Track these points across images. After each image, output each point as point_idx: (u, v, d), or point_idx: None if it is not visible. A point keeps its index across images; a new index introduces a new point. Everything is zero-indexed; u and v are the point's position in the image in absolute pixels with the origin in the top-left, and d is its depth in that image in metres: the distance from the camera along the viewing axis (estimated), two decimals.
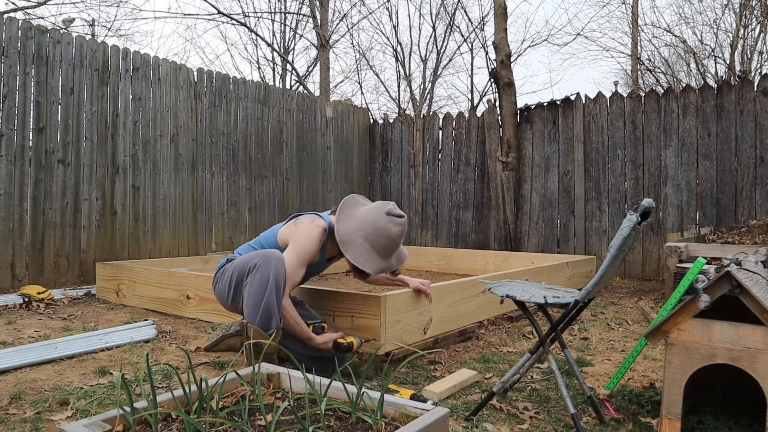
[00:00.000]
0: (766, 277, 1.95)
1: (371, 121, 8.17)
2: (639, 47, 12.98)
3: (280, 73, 13.83)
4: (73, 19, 12.89)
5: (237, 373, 1.51)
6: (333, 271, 5.92)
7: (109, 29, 12.27)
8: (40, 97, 4.67)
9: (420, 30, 25.99)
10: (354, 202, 2.53)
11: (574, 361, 2.01)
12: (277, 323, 2.31)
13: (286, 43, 13.38)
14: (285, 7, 12.98)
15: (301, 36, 13.41)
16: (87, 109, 4.99)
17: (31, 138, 4.63)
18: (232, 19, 10.84)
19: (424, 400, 2.02)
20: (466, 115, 7.20)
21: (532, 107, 6.62)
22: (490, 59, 11.12)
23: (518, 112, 6.70)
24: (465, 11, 15.12)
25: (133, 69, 5.33)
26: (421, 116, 7.69)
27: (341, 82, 19.63)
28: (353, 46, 18.17)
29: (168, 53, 20.38)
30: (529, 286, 2.16)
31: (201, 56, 24.33)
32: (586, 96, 6.28)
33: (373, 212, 2.43)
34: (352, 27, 13.34)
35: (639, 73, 13.71)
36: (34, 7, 9.62)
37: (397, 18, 14.40)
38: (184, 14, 16.33)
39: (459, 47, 14.11)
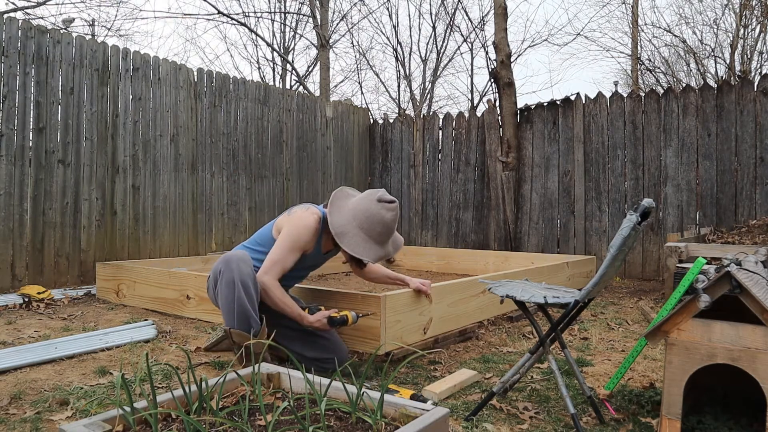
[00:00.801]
0: (766, 277, 1.95)
1: (371, 121, 8.17)
2: (639, 47, 12.98)
3: (280, 73, 13.83)
4: (73, 19, 12.89)
5: (237, 373, 1.51)
6: (333, 271, 5.92)
7: (109, 29, 12.27)
8: (40, 97, 4.67)
9: (420, 30, 26.02)
10: (344, 194, 2.53)
11: (574, 361, 2.01)
12: (257, 322, 2.31)
13: (286, 43, 13.39)
14: (285, 7, 12.98)
15: (301, 36, 13.42)
16: (87, 109, 4.99)
17: (31, 138, 4.63)
18: (232, 19, 10.85)
19: (424, 400, 2.02)
20: (466, 115, 7.20)
21: (532, 107, 6.62)
22: (490, 59, 11.12)
23: (518, 112, 6.70)
24: (465, 11, 15.11)
25: (133, 69, 5.33)
26: (421, 116, 7.69)
27: (341, 82, 19.62)
28: (353, 46, 18.18)
29: (168, 53, 20.38)
30: (529, 286, 2.16)
31: (201, 56, 24.34)
32: (586, 96, 6.28)
33: (364, 201, 2.43)
34: (352, 27, 13.35)
35: (639, 73, 13.70)
36: (34, 7, 9.62)
37: (397, 18, 14.40)
38: (184, 14, 16.34)
39: (459, 47, 14.08)
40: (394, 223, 2.45)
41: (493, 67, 7.19)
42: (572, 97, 6.35)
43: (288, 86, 13.34)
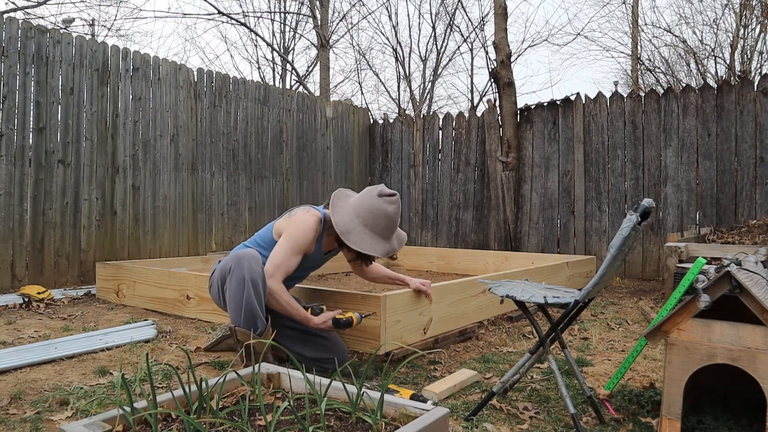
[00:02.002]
0: (766, 277, 1.95)
1: (371, 121, 8.17)
2: (639, 47, 12.98)
3: (280, 73, 13.83)
4: (73, 19, 12.89)
5: (237, 373, 1.51)
6: (333, 271, 5.92)
7: (109, 29, 12.28)
8: (40, 97, 4.67)
9: (420, 30, 25.96)
10: (343, 194, 2.55)
11: (574, 361, 2.01)
12: (263, 322, 2.31)
13: (286, 43, 13.39)
14: (285, 7, 12.98)
15: (301, 36, 13.43)
16: (87, 109, 4.99)
17: (31, 138, 4.63)
18: (232, 19, 10.85)
19: (424, 400, 2.02)
20: (466, 115, 7.20)
21: (532, 107, 6.62)
22: (490, 59, 11.12)
23: (518, 112, 6.70)
24: (465, 11, 15.12)
25: (133, 69, 5.33)
26: (421, 116, 7.68)
27: (341, 82, 19.63)
28: (353, 46, 18.17)
29: (168, 53, 20.38)
30: (529, 286, 2.16)
31: (201, 56, 24.33)
32: (586, 96, 6.28)
33: (365, 197, 2.44)
34: (351, 27, 13.35)
35: (639, 73, 13.70)
36: (34, 7, 9.62)
37: (396, 18, 14.40)
38: (184, 14, 16.33)
39: (459, 47, 14.10)
40: (397, 216, 2.45)
41: (493, 67, 7.19)
42: (572, 97, 6.35)
43: (288, 86, 13.35)
